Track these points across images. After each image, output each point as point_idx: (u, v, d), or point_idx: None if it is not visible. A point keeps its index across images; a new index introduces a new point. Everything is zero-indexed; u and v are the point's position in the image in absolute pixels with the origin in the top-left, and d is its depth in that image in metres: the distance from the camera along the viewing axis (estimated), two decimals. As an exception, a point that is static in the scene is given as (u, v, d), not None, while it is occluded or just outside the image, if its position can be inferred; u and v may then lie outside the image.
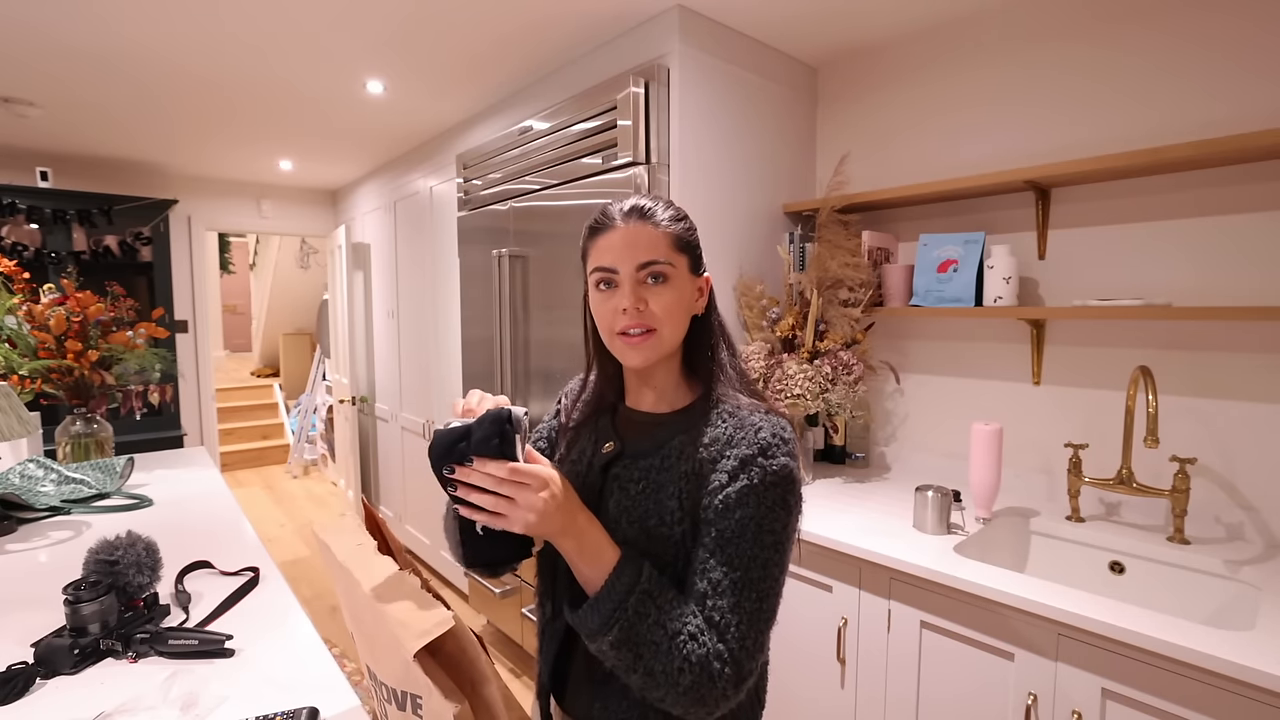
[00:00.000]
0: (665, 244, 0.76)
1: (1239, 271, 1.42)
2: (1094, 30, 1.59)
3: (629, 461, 0.78)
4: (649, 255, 0.75)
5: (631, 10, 1.80)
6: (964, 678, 1.27)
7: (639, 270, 0.75)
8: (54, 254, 3.30)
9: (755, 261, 2.01)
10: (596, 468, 0.81)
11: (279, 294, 7.28)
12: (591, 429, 0.86)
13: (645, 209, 0.77)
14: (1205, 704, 0.98)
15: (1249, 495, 1.42)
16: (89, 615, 0.95)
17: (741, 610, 0.66)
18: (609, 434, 0.83)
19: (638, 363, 0.77)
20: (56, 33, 1.95)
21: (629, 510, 0.75)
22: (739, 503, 0.69)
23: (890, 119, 2.01)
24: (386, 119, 2.86)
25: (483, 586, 2.57)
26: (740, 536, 0.68)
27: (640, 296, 0.75)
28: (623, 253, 0.75)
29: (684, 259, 0.78)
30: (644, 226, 0.76)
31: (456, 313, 2.91)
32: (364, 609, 0.69)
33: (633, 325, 0.75)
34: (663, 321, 0.75)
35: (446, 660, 0.68)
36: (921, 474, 1.95)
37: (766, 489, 0.70)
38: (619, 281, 0.76)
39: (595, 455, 0.82)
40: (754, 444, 0.71)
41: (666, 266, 0.75)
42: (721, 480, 0.71)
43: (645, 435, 0.80)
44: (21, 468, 1.74)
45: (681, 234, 0.78)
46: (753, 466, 0.70)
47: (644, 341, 0.75)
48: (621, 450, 0.80)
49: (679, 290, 0.76)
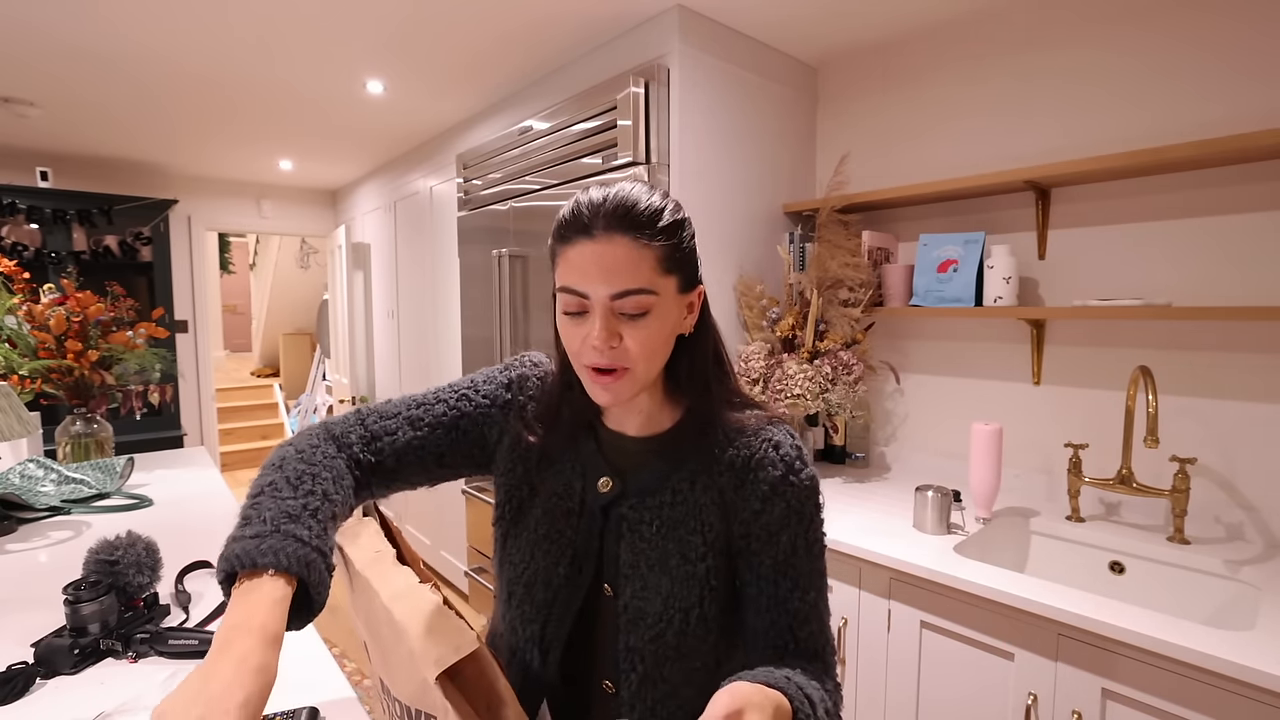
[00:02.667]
0: (649, 265, 0.62)
1: (1239, 271, 1.42)
2: (1093, 32, 1.59)
3: (635, 501, 0.70)
4: (628, 283, 0.61)
5: (631, 10, 1.80)
6: (964, 678, 1.27)
7: (614, 300, 0.61)
8: (54, 254, 3.30)
9: (755, 261, 2.01)
10: (594, 508, 0.72)
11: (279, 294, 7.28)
12: (572, 456, 0.75)
13: (630, 211, 0.62)
14: (1205, 704, 0.98)
15: (1249, 495, 1.42)
16: (89, 615, 0.95)
17: (825, 625, 0.70)
18: (599, 466, 0.73)
19: (606, 402, 0.67)
20: (57, 33, 1.95)
21: (646, 554, 0.69)
22: (782, 526, 0.68)
23: (890, 119, 2.01)
24: (386, 119, 2.86)
25: (483, 587, 2.57)
26: (795, 555, 0.68)
27: (613, 331, 0.62)
28: (595, 277, 0.61)
29: (673, 279, 0.64)
30: (624, 243, 0.61)
31: (456, 313, 2.91)
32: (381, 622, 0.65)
33: (602, 364, 0.63)
34: (638, 360, 0.63)
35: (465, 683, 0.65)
36: (921, 474, 1.95)
37: (803, 504, 0.69)
38: (589, 309, 0.63)
39: (588, 493, 0.72)
40: (778, 462, 0.68)
41: (648, 297, 0.62)
42: (755, 507, 0.68)
43: (643, 467, 0.72)
44: (21, 468, 1.74)
45: (671, 250, 0.63)
46: (785, 487, 0.68)
47: (614, 381, 0.64)
48: (623, 489, 0.71)
49: (662, 320, 0.64)
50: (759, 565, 0.68)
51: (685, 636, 0.67)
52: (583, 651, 0.72)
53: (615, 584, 0.70)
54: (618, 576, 0.70)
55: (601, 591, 0.71)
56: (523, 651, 0.72)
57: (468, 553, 2.74)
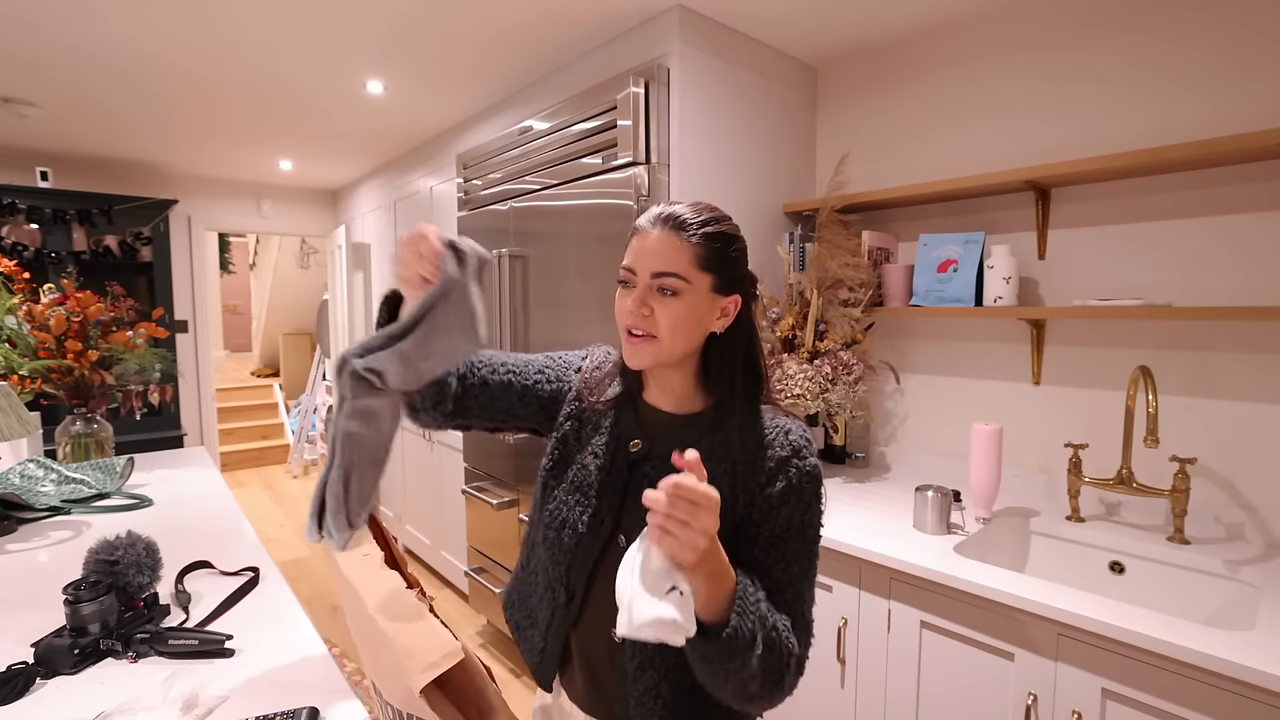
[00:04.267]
0: (687, 259, 0.76)
1: (1239, 271, 1.42)
2: (1093, 32, 1.59)
3: (658, 462, 0.80)
4: (664, 266, 0.75)
5: (631, 10, 1.80)
6: (964, 678, 1.27)
7: (652, 278, 0.76)
8: (54, 254, 3.30)
9: (755, 261, 1.97)
10: (622, 464, 0.83)
11: (279, 294, 7.28)
12: (612, 419, 0.87)
13: (679, 219, 0.77)
14: (1205, 704, 0.98)
15: (1249, 495, 1.42)
16: (89, 615, 0.95)
17: (802, 600, 0.75)
18: (634, 430, 0.85)
19: (634, 363, 0.80)
20: (57, 33, 1.95)
21: None
22: (781, 501, 0.75)
23: (890, 119, 2.01)
24: (386, 119, 2.86)
25: (483, 587, 2.57)
26: (790, 531, 0.75)
27: (646, 302, 0.76)
28: (642, 257, 0.77)
29: (707, 277, 0.77)
30: (671, 237, 0.76)
31: (456, 313, 2.90)
32: (368, 629, 0.66)
33: (636, 326, 0.77)
34: (664, 331, 0.76)
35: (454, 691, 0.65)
36: (921, 474, 1.95)
37: (804, 486, 0.76)
38: (634, 283, 0.78)
39: (620, 450, 0.84)
40: (787, 445, 0.77)
41: (679, 281, 0.75)
42: (761, 481, 0.76)
43: (671, 437, 0.82)
44: (21, 468, 1.74)
45: (710, 253, 0.77)
46: (789, 467, 0.76)
47: (642, 345, 0.77)
48: (649, 451, 0.82)
49: (691, 306, 0.76)
50: (756, 535, 0.76)
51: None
52: (602, 600, 0.79)
53: (630, 535, 0.76)
54: (634, 528, 0.75)
55: (618, 542, 0.79)
56: (552, 589, 0.84)
57: (468, 553, 2.74)
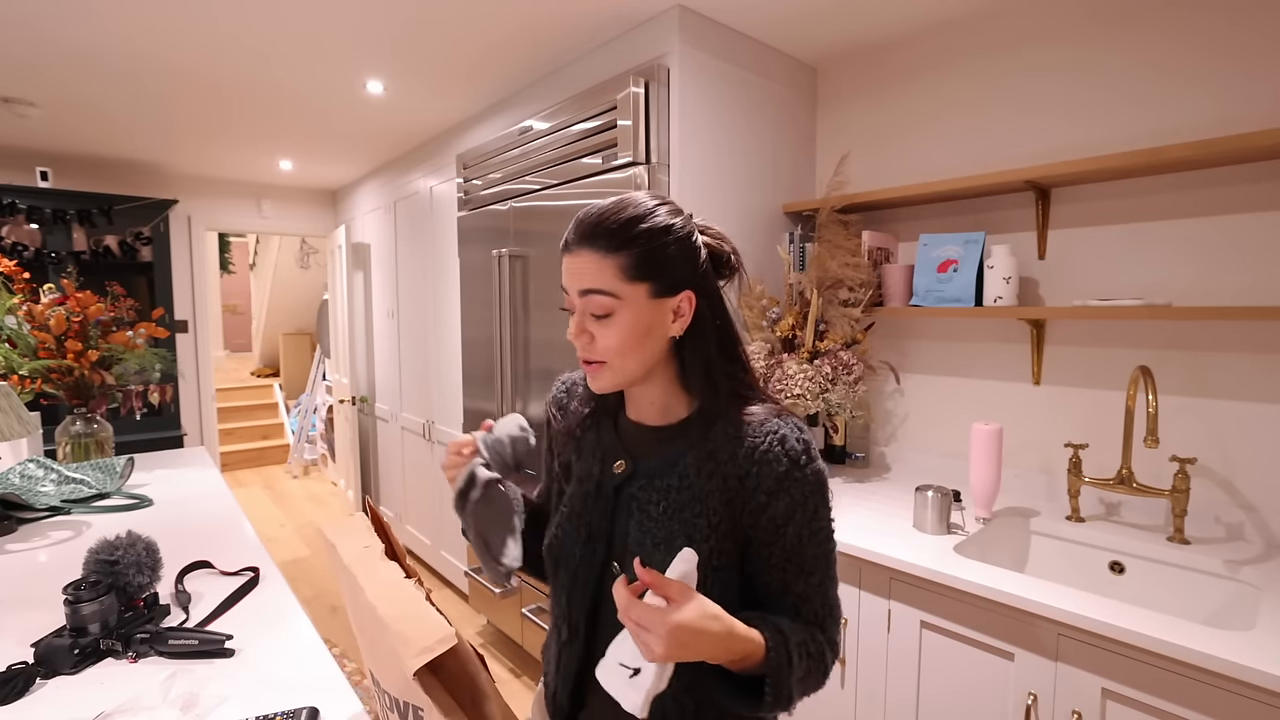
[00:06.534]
0: (611, 273, 0.69)
1: (1239, 271, 1.42)
2: (1092, 32, 1.59)
3: (644, 482, 0.76)
4: (589, 284, 0.70)
5: (631, 10, 1.80)
6: (964, 678, 1.27)
7: (581, 298, 0.71)
8: (54, 254, 3.30)
9: (755, 261, 2.01)
10: (608, 489, 0.78)
11: (279, 294, 7.27)
12: (595, 442, 0.82)
13: (594, 229, 0.70)
14: (1205, 704, 0.98)
15: (1249, 495, 1.42)
16: (89, 615, 0.95)
17: (827, 604, 0.74)
18: (615, 451, 0.80)
19: (596, 389, 0.76)
20: (56, 33, 1.95)
21: (653, 533, 0.73)
22: (788, 517, 0.71)
23: (890, 119, 2.01)
24: (386, 119, 2.86)
25: (483, 587, 2.57)
26: (801, 544, 0.72)
27: (585, 329, 0.72)
28: (569, 278, 0.72)
29: (641, 287, 0.70)
30: (589, 252, 0.70)
31: (456, 313, 2.91)
32: (366, 616, 0.68)
33: (583, 356, 0.74)
34: (612, 354, 0.72)
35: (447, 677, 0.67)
36: (921, 474, 1.96)
37: (808, 497, 0.72)
38: (571, 306, 0.73)
39: (604, 475, 0.79)
40: (783, 457, 0.71)
41: (609, 300, 0.70)
42: (761, 500, 0.71)
43: (654, 452, 0.77)
44: (21, 468, 1.74)
45: (638, 260, 0.69)
46: (790, 481, 0.70)
47: (597, 371, 0.74)
48: (634, 471, 0.77)
49: (630, 322, 0.70)
50: (769, 555, 0.72)
51: None
52: (607, 633, 0.75)
53: (622, 561, 0.76)
54: (625, 553, 0.75)
55: (612, 570, 0.77)
56: (558, 625, 0.81)
57: (467, 553, 2.74)
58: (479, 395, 2.55)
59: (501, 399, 2.36)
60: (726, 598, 0.71)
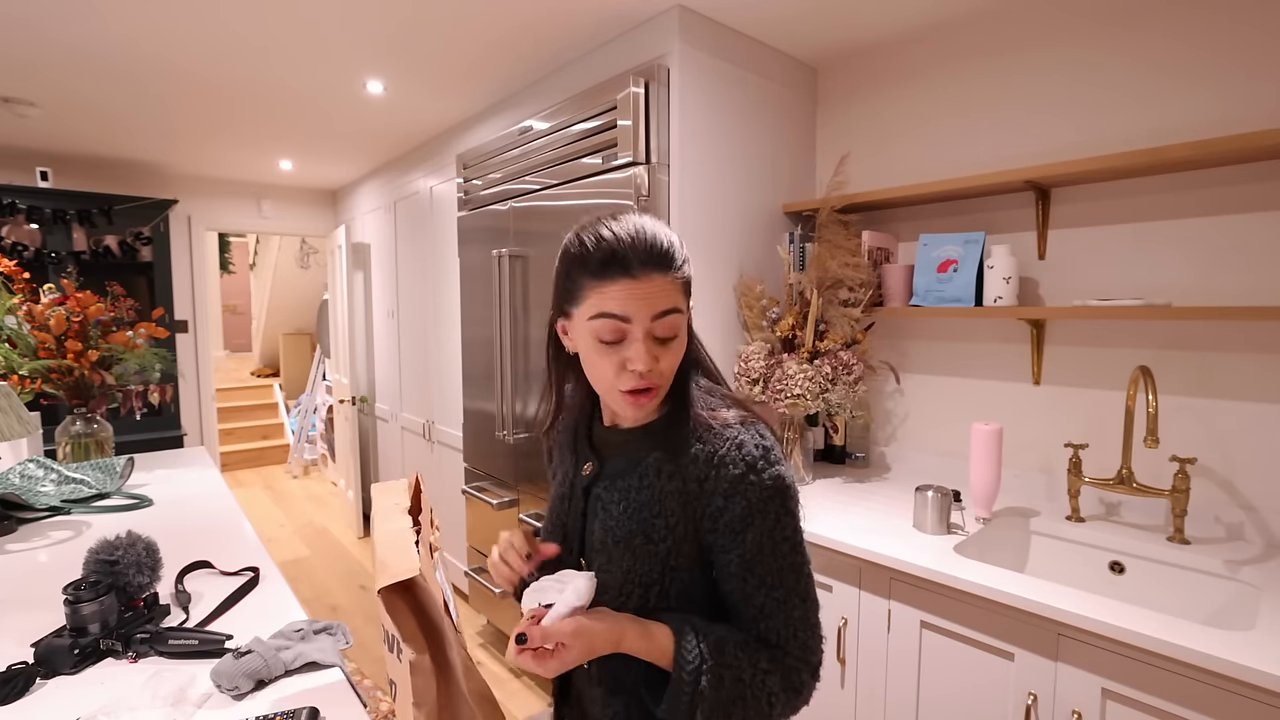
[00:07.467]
0: (678, 293, 0.70)
1: (1239, 271, 1.42)
2: (1092, 32, 1.59)
3: (608, 483, 0.77)
4: (665, 305, 0.69)
5: (631, 10, 1.80)
6: (964, 678, 1.27)
7: (654, 321, 0.68)
8: (54, 254, 3.30)
9: (755, 261, 2.01)
10: (579, 490, 0.81)
11: (279, 294, 7.27)
12: (572, 449, 0.85)
13: (651, 250, 0.68)
14: (1205, 704, 0.98)
15: (1249, 495, 1.42)
16: (89, 615, 0.95)
17: (792, 621, 0.70)
18: (587, 453, 0.82)
19: (636, 419, 0.76)
20: (57, 32, 1.95)
21: (613, 531, 0.75)
22: (745, 523, 0.69)
23: (890, 119, 2.01)
24: (386, 119, 2.86)
25: (483, 587, 2.57)
26: (760, 554, 0.70)
27: (654, 354, 0.69)
28: (642, 304, 0.67)
29: (687, 301, 0.73)
30: (658, 277, 0.68)
31: (456, 313, 2.91)
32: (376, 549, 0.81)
33: (640, 385, 0.70)
34: (667, 378, 0.73)
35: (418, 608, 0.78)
36: (921, 474, 1.95)
37: (766, 503, 0.70)
38: (630, 335, 0.69)
39: (576, 478, 0.82)
40: (740, 461, 0.70)
41: (680, 318, 0.71)
42: (718, 504, 0.70)
43: (620, 453, 0.79)
44: (21, 468, 1.74)
45: (688, 278, 0.73)
46: (745, 485, 0.69)
47: (648, 401, 0.72)
48: (600, 471, 0.79)
49: (684, 339, 0.73)
50: (728, 563, 0.71)
51: (645, 611, 0.72)
52: None
53: (588, 559, 0.78)
54: (590, 551, 0.78)
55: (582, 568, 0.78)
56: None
57: (468, 552, 2.74)
58: (479, 395, 2.56)
59: (501, 399, 2.36)
60: (684, 598, 0.73)
